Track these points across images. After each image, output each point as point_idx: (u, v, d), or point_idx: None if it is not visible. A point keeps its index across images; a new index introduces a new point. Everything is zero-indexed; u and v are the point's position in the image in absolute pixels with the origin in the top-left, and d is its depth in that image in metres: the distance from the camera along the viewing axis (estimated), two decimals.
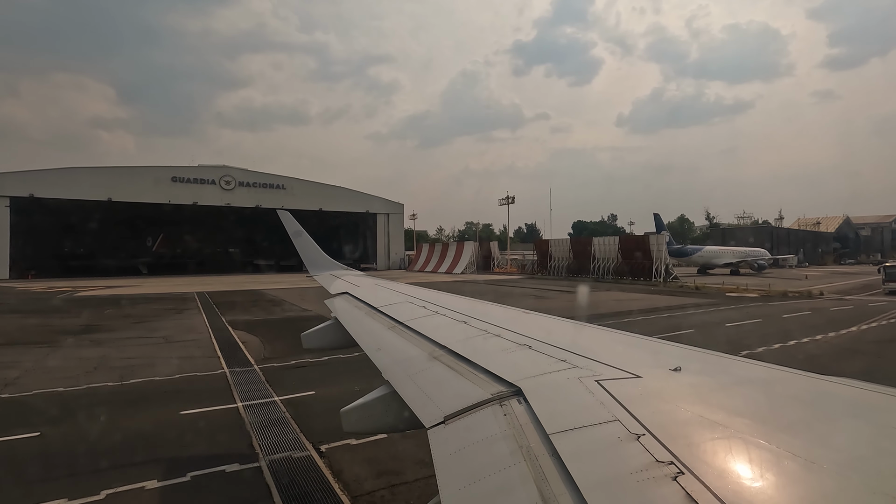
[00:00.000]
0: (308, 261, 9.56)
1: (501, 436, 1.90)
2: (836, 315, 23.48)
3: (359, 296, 6.16)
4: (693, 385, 2.28)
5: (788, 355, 14.56)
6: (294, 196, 66.05)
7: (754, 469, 1.42)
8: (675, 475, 1.38)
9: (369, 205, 72.22)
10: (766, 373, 2.43)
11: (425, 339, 3.61)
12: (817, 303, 28.31)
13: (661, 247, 45.70)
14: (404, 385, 2.88)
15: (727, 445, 1.58)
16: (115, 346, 16.41)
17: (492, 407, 2.18)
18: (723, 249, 67.17)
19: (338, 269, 9.20)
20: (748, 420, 1.76)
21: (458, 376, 2.72)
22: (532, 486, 1.55)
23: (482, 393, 2.34)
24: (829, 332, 18.34)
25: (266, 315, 24.75)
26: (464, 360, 2.92)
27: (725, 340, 16.86)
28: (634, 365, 2.43)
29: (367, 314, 5.19)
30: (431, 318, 4.39)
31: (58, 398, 10.73)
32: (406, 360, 3.32)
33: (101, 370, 13.14)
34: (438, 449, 2.01)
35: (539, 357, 2.77)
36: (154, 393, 11.29)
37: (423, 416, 2.37)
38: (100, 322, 22.59)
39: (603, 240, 54.24)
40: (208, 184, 62.22)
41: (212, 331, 19.48)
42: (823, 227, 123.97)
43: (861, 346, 16.43)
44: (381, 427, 3.17)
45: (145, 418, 9.61)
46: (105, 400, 10.65)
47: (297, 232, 9.78)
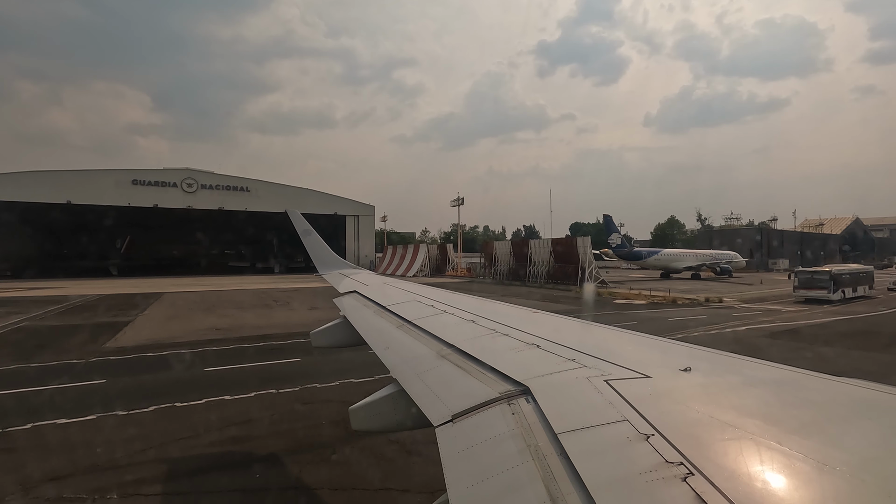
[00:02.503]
0: (317, 259, 9.59)
1: (509, 435, 1.90)
2: (662, 324, 22.45)
3: (367, 294, 6.18)
4: (703, 385, 2.26)
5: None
6: (259, 198, 66.24)
7: (765, 471, 1.40)
8: (685, 476, 1.37)
9: (338, 206, 71.19)
10: (777, 373, 2.41)
11: (433, 338, 3.62)
12: (686, 311, 27.52)
13: (586, 250, 43.56)
14: (412, 383, 2.89)
15: (737, 446, 1.56)
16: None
17: (500, 406, 2.18)
18: (683, 253, 64.14)
19: (346, 268, 9.24)
20: (759, 421, 1.75)
21: (466, 375, 2.72)
22: (540, 485, 1.55)
23: (490, 392, 2.34)
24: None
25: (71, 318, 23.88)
26: (472, 358, 2.92)
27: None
28: (644, 365, 2.42)
29: (376, 313, 5.22)
30: (439, 316, 4.40)
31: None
32: (414, 359, 3.33)
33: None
34: (446, 447, 2.02)
35: (547, 356, 2.77)
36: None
37: (431, 414, 2.38)
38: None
39: (538, 242, 51.59)
40: (170, 186, 62.21)
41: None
42: (828, 228, 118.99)
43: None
44: (390, 425, 3.18)
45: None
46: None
47: (307, 231, 9.82)
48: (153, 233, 72.29)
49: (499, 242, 61.61)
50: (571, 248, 45.59)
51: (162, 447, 8.21)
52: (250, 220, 66.99)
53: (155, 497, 6.61)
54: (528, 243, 52.45)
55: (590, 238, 45.67)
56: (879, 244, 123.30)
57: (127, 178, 60.31)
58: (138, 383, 12.21)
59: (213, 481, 7.24)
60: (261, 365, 14.06)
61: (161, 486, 6.93)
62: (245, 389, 11.32)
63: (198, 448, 8.34)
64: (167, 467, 7.54)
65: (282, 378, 12.29)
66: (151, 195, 61.19)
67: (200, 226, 69.91)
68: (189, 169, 64.68)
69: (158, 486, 6.88)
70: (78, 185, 57.24)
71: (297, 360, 14.45)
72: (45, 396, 10.99)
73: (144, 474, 7.23)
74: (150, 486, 6.88)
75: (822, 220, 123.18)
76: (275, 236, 69.68)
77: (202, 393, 10.99)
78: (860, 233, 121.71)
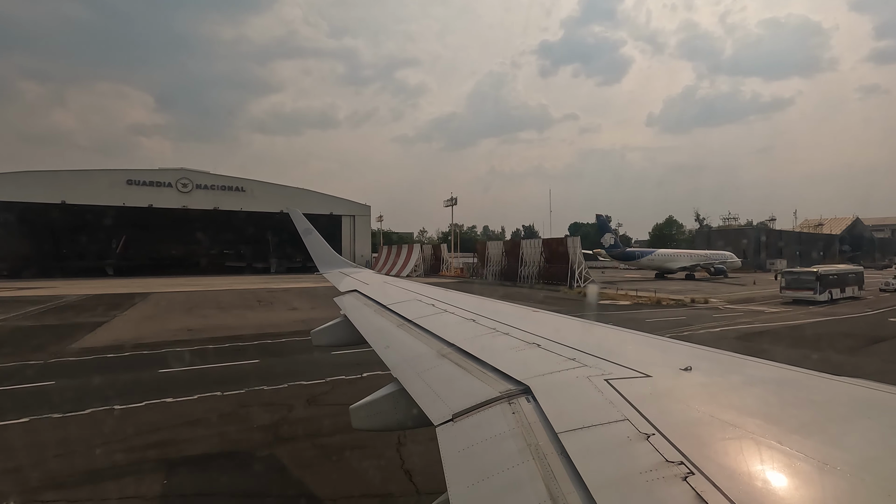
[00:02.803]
0: (317, 258, 9.60)
1: (510, 434, 1.90)
2: (636, 326, 21.64)
3: (368, 293, 6.19)
4: (703, 385, 2.26)
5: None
6: (254, 198, 66.03)
7: (765, 470, 1.40)
8: (685, 475, 1.37)
9: (334, 207, 70.84)
10: (777, 373, 2.41)
11: (434, 337, 3.62)
12: (669, 312, 27.24)
13: (576, 251, 43.22)
14: (413, 382, 2.89)
15: (738, 446, 1.56)
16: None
17: (500, 405, 2.19)
18: (678, 253, 63.39)
19: (347, 267, 9.25)
20: (759, 420, 1.74)
21: (466, 374, 2.73)
22: (540, 484, 1.55)
23: (491, 391, 2.34)
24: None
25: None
26: (472, 358, 2.92)
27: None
28: (644, 364, 2.42)
29: (376, 312, 5.22)
30: (440, 316, 4.40)
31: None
32: (415, 358, 3.33)
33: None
34: (447, 446, 2.02)
35: (548, 356, 2.77)
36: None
37: (431, 413, 2.38)
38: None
39: (530, 242, 51.11)
40: (165, 186, 62.08)
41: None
42: (827, 228, 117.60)
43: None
44: (390, 424, 3.18)
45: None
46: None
47: (307, 230, 9.83)
48: (150, 233, 72.14)
49: (491, 243, 61.43)
50: (562, 249, 45.06)
51: (72, 455, 7.92)
52: (247, 220, 66.83)
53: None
54: (521, 244, 52.06)
55: (580, 238, 45.39)
56: (880, 244, 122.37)
57: (122, 178, 60.27)
58: (87, 386, 11.95)
59: (108, 490, 6.88)
60: (217, 367, 13.89)
61: (53, 493, 6.70)
62: (191, 392, 11.17)
63: (112, 455, 8.00)
64: (67, 474, 7.24)
65: (233, 380, 12.15)
66: (146, 195, 61.06)
67: (198, 226, 69.70)
68: (184, 169, 64.61)
69: (51, 494, 6.67)
70: (73, 185, 57.32)
71: (255, 362, 14.36)
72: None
73: (39, 483, 6.98)
74: (45, 493, 6.68)
75: (821, 221, 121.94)
76: (271, 236, 69.67)
77: (145, 395, 10.76)
78: (861, 233, 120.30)
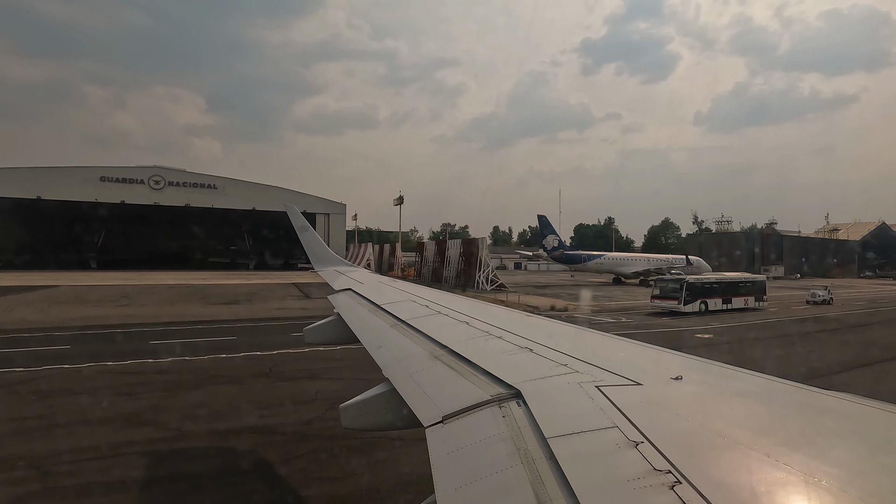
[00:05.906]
0: (313, 256, 9.59)
1: (499, 437, 1.90)
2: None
3: (362, 293, 6.17)
4: (694, 394, 2.27)
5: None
6: (226, 196, 66.36)
7: (753, 482, 1.41)
8: (672, 484, 1.38)
9: (307, 205, 69.65)
10: (767, 385, 2.42)
11: (426, 339, 3.62)
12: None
13: (482, 252, 42.18)
14: (404, 383, 2.88)
15: (726, 457, 1.57)
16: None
17: (491, 408, 2.18)
18: (631, 257, 60.43)
19: (342, 266, 9.24)
20: (748, 432, 1.75)
21: (458, 376, 2.72)
22: (528, 488, 1.55)
23: (481, 394, 2.34)
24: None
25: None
26: (464, 360, 2.92)
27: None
28: (636, 372, 2.42)
29: (370, 311, 5.21)
30: (433, 317, 4.40)
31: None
32: (407, 359, 3.32)
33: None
34: (436, 448, 2.01)
35: (540, 360, 2.77)
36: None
37: (421, 414, 2.37)
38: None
39: (453, 243, 49.20)
40: (137, 183, 62.87)
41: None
42: (844, 234, 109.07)
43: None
44: (380, 424, 3.17)
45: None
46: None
47: (303, 227, 9.82)
48: (129, 228, 72.50)
49: (428, 243, 60.94)
50: (474, 251, 43.51)
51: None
52: (223, 217, 67.10)
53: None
54: (447, 244, 50.31)
55: (485, 239, 44.15)
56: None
57: (95, 174, 61.19)
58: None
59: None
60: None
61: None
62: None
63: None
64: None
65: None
66: (118, 191, 61.74)
67: (178, 223, 70.11)
68: (157, 166, 65.44)
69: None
70: (47, 181, 58.23)
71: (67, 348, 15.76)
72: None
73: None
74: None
75: (835, 226, 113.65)
76: (248, 234, 69.65)
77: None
78: (890, 239, 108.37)
